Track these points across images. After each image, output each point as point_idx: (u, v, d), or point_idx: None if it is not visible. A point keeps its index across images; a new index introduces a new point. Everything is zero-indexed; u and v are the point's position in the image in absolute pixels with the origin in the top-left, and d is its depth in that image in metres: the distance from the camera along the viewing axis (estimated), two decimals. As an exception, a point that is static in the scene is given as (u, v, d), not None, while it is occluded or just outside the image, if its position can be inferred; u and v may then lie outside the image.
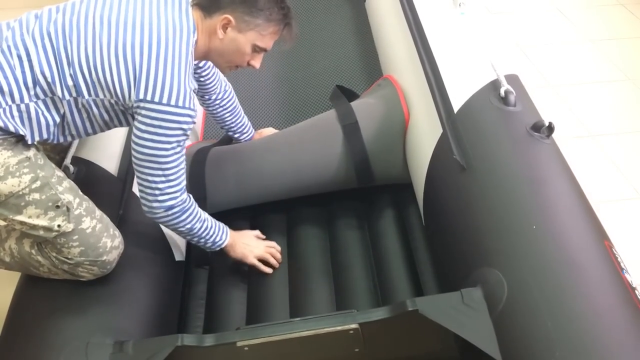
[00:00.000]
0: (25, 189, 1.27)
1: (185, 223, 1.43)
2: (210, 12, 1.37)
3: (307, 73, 2.19)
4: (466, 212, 1.33)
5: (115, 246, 1.38)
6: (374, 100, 1.78)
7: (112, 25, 1.29)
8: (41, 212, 1.29)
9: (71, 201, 1.32)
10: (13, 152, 1.26)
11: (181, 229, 1.45)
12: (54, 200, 1.29)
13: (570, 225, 1.21)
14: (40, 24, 1.30)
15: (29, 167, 1.28)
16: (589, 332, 1.03)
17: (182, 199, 1.40)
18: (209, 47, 1.41)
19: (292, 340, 1.24)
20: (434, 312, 1.16)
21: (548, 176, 1.31)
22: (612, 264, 1.15)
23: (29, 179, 1.27)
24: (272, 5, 1.39)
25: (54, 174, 1.33)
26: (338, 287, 1.61)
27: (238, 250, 1.61)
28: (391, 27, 2.05)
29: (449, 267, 1.38)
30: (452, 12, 1.80)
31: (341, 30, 2.39)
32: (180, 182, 1.38)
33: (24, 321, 1.31)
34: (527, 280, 1.13)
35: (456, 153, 1.40)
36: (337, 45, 2.31)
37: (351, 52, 2.26)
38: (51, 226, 1.29)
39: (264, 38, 1.41)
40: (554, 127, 1.39)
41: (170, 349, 1.20)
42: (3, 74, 1.24)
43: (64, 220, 1.30)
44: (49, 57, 1.27)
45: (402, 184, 1.76)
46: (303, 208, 1.83)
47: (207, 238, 1.52)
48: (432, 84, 1.57)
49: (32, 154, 1.30)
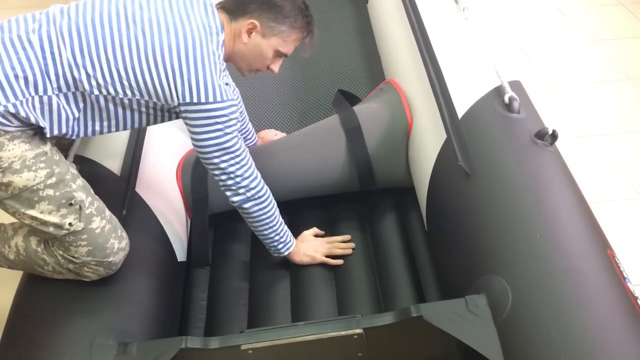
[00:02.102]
0: (40, 184, 1.26)
1: (267, 210, 1.47)
2: (236, 15, 1.40)
3: (309, 74, 2.18)
4: (470, 218, 1.34)
5: (122, 247, 1.38)
6: (377, 105, 1.78)
7: (146, 26, 1.30)
8: (54, 209, 1.28)
9: (84, 200, 1.32)
10: (30, 146, 1.25)
11: (262, 218, 1.48)
12: (67, 197, 1.29)
13: (573, 234, 1.22)
14: (68, 17, 1.29)
15: (45, 162, 1.27)
16: (592, 341, 1.04)
17: (260, 181, 1.45)
18: (233, 50, 1.43)
19: (296, 345, 1.24)
20: (438, 318, 1.17)
21: (551, 184, 1.32)
22: (614, 273, 1.16)
23: (44, 174, 1.26)
24: (297, 12, 1.43)
25: (68, 170, 1.33)
26: (340, 290, 1.61)
27: (303, 254, 1.63)
28: (394, 30, 2.04)
29: (452, 273, 1.39)
30: (456, 17, 1.79)
31: (343, 32, 2.38)
32: (252, 165, 1.43)
33: (26, 321, 1.31)
34: (531, 289, 1.14)
35: (460, 159, 1.41)
36: (339, 46, 2.30)
37: (353, 54, 2.25)
38: (62, 223, 1.29)
39: (287, 44, 1.45)
40: (557, 134, 1.40)
41: (174, 351, 1.20)
42: (29, 65, 1.23)
43: (76, 219, 1.30)
44: (75, 51, 1.26)
45: (404, 188, 1.77)
46: (305, 211, 1.83)
47: (281, 234, 1.55)
48: (436, 89, 1.57)
49: (48, 148, 1.30)
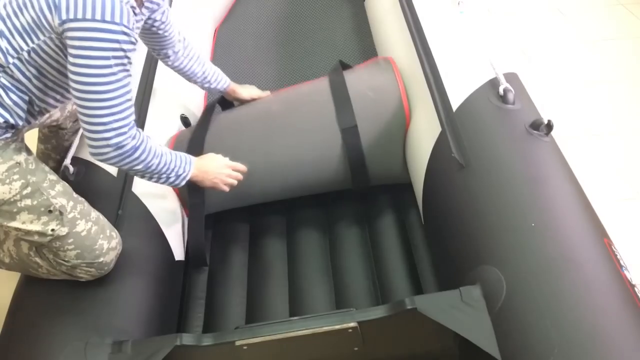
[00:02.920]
0: (17, 195, 1.26)
1: (139, 161, 1.31)
2: None
3: (307, 73, 2.18)
4: (465, 210, 1.33)
5: (112, 247, 1.37)
6: (374, 95, 1.70)
7: None
8: (34, 218, 1.28)
9: (64, 205, 1.31)
10: (2, 159, 1.25)
11: (137, 168, 1.33)
12: (46, 205, 1.29)
13: (569, 223, 1.21)
14: None
15: (19, 173, 1.26)
16: (587, 330, 1.03)
17: (131, 134, 1.26)
18: None
19: (291, 339, 1.24)
20: (432, 310, 1.16)
21: (547, 174, 1.31)
22: (611, 261, 1.15)
23: (19, 185, 1.26)
24: None
25: (45, 178, 1.32)
26: (337, 286, 1.61)
27: (208, 184, 1.53)
28: (390, 26, 2.04)
29: (448, 265, 1.38)
30: (452, 11, 1.79)
31: (340, 29, 2.38)
32: (126, 115, 1.24)
33: (23, 321, 1.31)
34: (526, 278, 1.13)
35: (455, 151, 1.40)
36: (337, 44, 2.31)
37: (351, 51, 2.25)
38: (45, 231, 1.29)
39: None
40: (552, 125, 1.39)
41: (168, 348, 1.20)
42: None
43: (58, 225, 1.30)
44: None
45: (402, 184, 1.76)
46: (302, 207, 1.83)
47: (168, 173, 1.40)
48: (430, 82, 1.57)
49: (22, 158, 1.29)
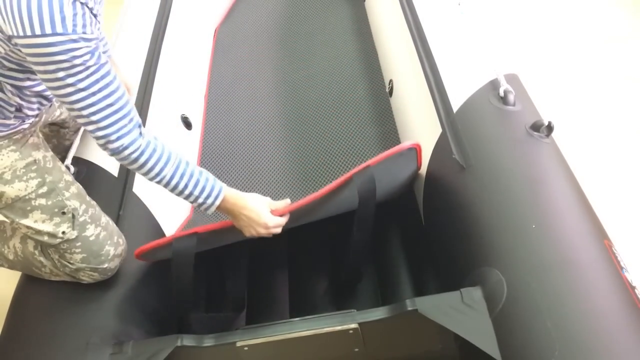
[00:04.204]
0: (32, 193, 1.26)
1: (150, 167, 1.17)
2: None
3: (307, 73, 2.18)
4: (465, 211, 1.33)
5: (117, 254, 1.37)
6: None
7: None
8: (47, 218, 1.28)
9: (77, 208, 1.31)
10: (21, 155, 1.25)
11: (151, 176, 1.19)
12: (60, 206, 1.29)
13: (569, 225, 1.21)
14: None
15: (36, 171, 1.27)
16: (588, 331, 1.03)
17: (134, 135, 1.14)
18: None
19: (292, 340, 1.24)
20: (433, 311, 1.16)
21: (547, 175, 1.31)
22: (611, 263, 1.15)
23: (36, 183, 1.26)
24: None
25: (62, 178, 1.32)
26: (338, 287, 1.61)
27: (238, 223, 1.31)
28: (391, 27, 2.04)
29: (449, 266, 1.38)
30: (452, 12, 1.79)
31: (341, 30, 2.38)
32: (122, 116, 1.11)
33: (24, 321, 1.31)
34: (526, 280, 1.13)
35: (455, 153, 1.40)
36: (337, 45, 2.31)
37: (351, 52, 2.25)
38: (56, 232, 1.29)
39: None
40: (553, 126, 1.39)
41: (169, 349, 1.20)
42: None
43: (69, 227, 1.30)
44: None
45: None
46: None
47: (192, 191, 1.23)
48: (431, 83, 1.57)
49: (41, 156, 1.29)
